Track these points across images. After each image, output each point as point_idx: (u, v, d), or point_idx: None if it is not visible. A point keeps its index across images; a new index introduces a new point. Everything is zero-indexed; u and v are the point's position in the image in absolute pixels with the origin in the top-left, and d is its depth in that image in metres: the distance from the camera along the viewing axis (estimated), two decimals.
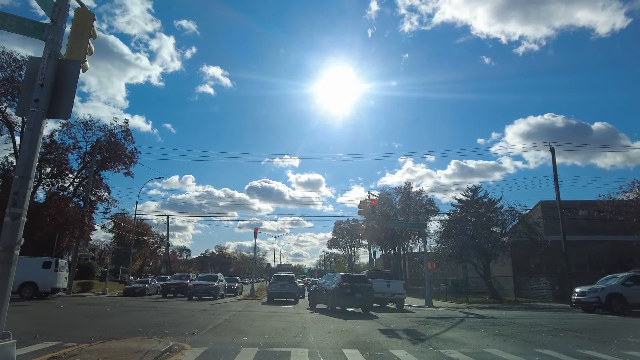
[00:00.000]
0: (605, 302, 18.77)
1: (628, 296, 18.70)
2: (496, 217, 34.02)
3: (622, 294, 18.80)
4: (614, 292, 18.92)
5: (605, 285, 19.75)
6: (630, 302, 18.65)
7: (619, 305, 18.54)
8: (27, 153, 4.94)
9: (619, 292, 18.89)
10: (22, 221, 4.73)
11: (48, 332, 9.51)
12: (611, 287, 19.30)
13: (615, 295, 18.82)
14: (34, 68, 5.23)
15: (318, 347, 8.25)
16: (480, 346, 8.89)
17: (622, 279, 19.62)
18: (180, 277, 34.77)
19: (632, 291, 18.83)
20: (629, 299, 18.66)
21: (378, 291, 20.29)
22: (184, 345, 8.03)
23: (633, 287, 18.95)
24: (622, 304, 18.60)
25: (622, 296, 18.75)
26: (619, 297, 18.77)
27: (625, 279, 19.46)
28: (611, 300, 18.69)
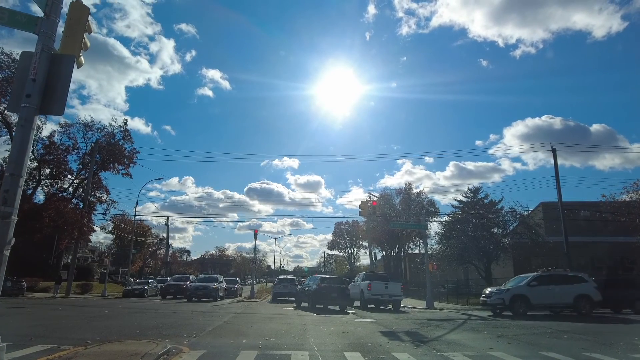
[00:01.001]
0: (509, 304, 17.75)
1: (532, 297, 17.86)
2: (497, 218, 33.91)
3: (526, 295, 17.90)
4: (518, 294, 17.96)
5: (510, 287, 18.90)
6: (534, 303, 17.86)
7: (522, 306, 17.70)
8: (19, 150, 4.78)
9: (523, 294, 17.95)
10: (12, 220, 4.57)
11: (44, 334, 9.35)
12: (516, 289, 18.37)
13: (519, 296, 17.86)
14: (27, 63, 5.07)
15: (319, 350, 8.09)
16: (484, 349, 8.73)
17: (528, 279, 18.74)
18: (179, 278, 34.57)
19: (536, 292, 17.99)
20: (533, 300, 17.84)
21: (376, 293, 21.49)
22: (182, 348, 7.88)
23: (537, 287, 18.11)
24: (526, 306, 17.76)
25: (525, 297, 17.84)
26: (522, 298, 17.85)
27: (530, 279, 18.59)
28: (515, 302, 17.72)
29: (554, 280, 18.61)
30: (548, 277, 18.79)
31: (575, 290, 18.12)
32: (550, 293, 17.98)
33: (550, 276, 18.96)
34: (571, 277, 19.18)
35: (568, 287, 18.22)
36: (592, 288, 18.45)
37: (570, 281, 18.70)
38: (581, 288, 18.29)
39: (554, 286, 18.21)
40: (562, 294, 18.02)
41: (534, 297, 17.82)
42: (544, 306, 18.25)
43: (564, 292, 18.08)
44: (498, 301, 18.09)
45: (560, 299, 18.05)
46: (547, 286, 18.15)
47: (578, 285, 18.37)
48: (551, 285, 18.23)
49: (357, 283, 24.42)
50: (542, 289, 18.04)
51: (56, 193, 34.25)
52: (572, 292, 18.09)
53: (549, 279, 18.64)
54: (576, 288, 18.23)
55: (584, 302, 18.03)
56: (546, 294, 17.94)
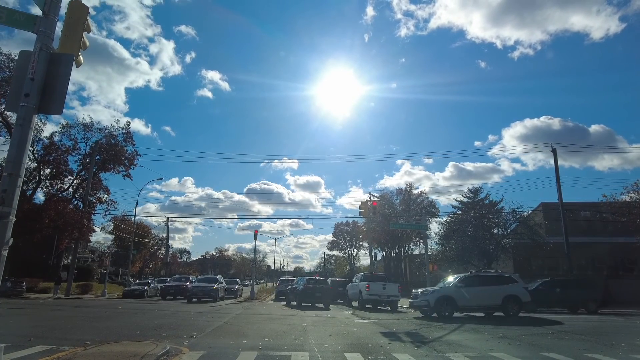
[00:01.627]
0: (434, 306, 16.67)
1: (458, 299, 16.82)
2: (497, 219, 33.83)
3: (452, 296, 16.82)
4: (444, 295, 16.90)
5: (437, 288, 18.05)
6: (460, 305, 16.87)
7: (448, 308, 16.67)
8: (17, 149, 4.73)
9: (449, 295, 16.89)
10: (10, 220, 4.53)
11: (43, 335, 9.33)
12: (442, 290, 17.37)
13: (445, 298, 16.81)
14: (25, 62, 5.03)
15: (319, 351, 8.06)
16: (484, 349, 8.70)
17: (456, 280, 17.80)
18: (179, 279, 34.51)
19: (463, 293, 17.01)
20: (459, 301, 16.80)
21: (374, 293, 22.03)
22: (181, 349, 7.86)
23: (465, 289, 17.11)
24: (452, 307, 16.74)
25: (452, 299, 16.77)
26: (448, 300, 16.79)
27: (458, 280, 17.63)
28: (440, 304, 16.67)
29: (483, 281, 17.83)
30: (477, 278, 18.03)
31: (504, 291, 17.32)
32: (478, 294, 17.08)
33: (479, 277, 18.29)
34: (501, 278, 18.44)
35: (497, 288, 17.39)
36: (521, 289, 17.75)
37: (500, 282, 17.90)
38: (510, 289, 17.51)
39: (483, 287, 17.38)
40: (491, 295, 17.15)
41: (461, 299, 16.84)
42: (471, 308, 17.44)
43: (493, 293, 17.22)
44: (423, 303, 17.11)
45: (489, 300, 17.17)
46: (475, 287, 17.30)
47: (507, 286, 17.59)
48: (479, 286, 17.38)
49: (356, 284, 24.65)
50: (470, 290, 17.11)
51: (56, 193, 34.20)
52: (500, 293, 17.25)
53: (477, 280, 17.84)
54: (505, 289, 17.43)
55: (513, 304, 17.22)
56: (474, 295, 17.01)
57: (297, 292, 23.77)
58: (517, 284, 17.81)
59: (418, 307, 17.50)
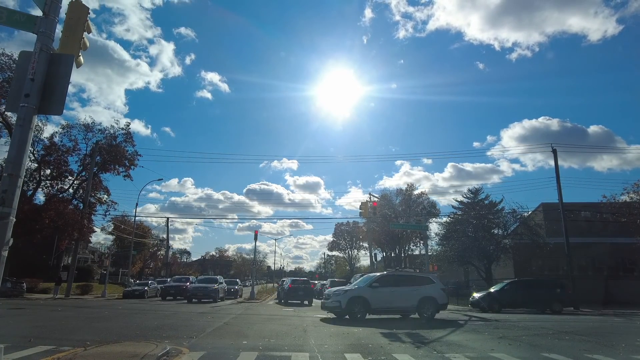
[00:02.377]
0: (345, 307, 15.30)
1: (372, 300, 15.60)
2: (497, 219, 33.84)
3: (366, 297, 15.58)
4: (357, 296, 15.62)
5: (350, 288, 17.02)
6: (374, 307, 15.62)
7: (361, 310, 15.41)
8: (17, 150, 4.73)
9: (362, 296, 15.64)
10: (10, 221, 4.53)
11: (43, 335, 9.32)
12: (355, 290, 16.14)
13: (358, 299, 15.53)
14: (25, 62, 5.03)
15: (319, 351, 8.05)
16: (485, 350, 8.70)
17: (370, 279, 16.83)
18: (179, 279, 34.51)
19: (378, 294, 15.81)
20: (373, 303, 15.58)
21: None
22: (182, 350, 7.85)
23: (380, 289, 15.97)
24: (365, 309, 15.48)
25: (365, 300, 15.53)
26: (361, 301, 15.52)
27: (372, 280, 16.63)
28: (353, 305, 15.35)
29: (399, 281, 16.77)
30: (392, 278, 17.01)
31: (420, 293, 16.33)
32: (393, 295, 16.05)
33: (395, 276, 17.23)
34: (418, 278, 17.47)
35: (413, 289, 16.41)
36: (438, 290, 16.79)
37: (417, 282, 16.90)
38: (427, 290, 16.52)
39: (399, 288, 16.37)
40: (406, 297, 16.16)
41: (375, 300, 15.66)
42: (385, 310, 16.17)
43: (409, 294, 16.22)
44: (335, 304, 15.64)
45: (404, 302, 16.19)
46: (391, 287, 16.28)
47: (424, 287, 16.61)
48: (395, 287, 16.35)
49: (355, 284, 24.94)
50: (385, 291, 16.02)
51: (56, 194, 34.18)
52: (417, 294, 16.26)
53: (393, 280, 16.80)
54: (422, 290, 16.45)
55: (428, 306, 16.25)
56: (389, 296, 15.98)
57: (284, 291, 27.66)
58: (434, 285, 16.94)
59: (329, 309, 15.95)
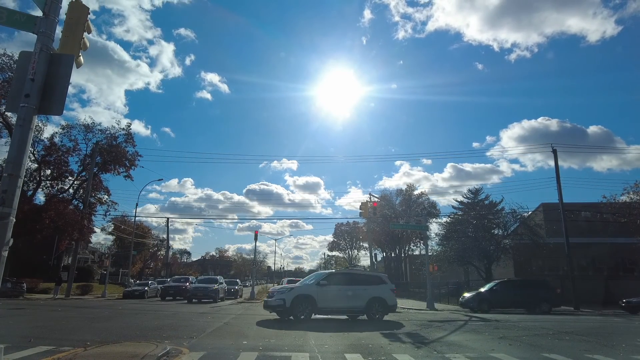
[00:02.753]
0: (290, 307, 14.27)
1: (319, 299, 14.66)
2: (497, 220, 33.83)
3: (313, 296, 14.65)
4: (303, 294, 14.66)
5: (296, 285, 16.14)
6: (321, 307, 14.67)
7: (306, 310, 14.47)
8: (17, 150, 4.74)
9: (308, 294, 14.68)
10: (10, 221, 4.53)
11: (44, 335, 9.32)
12: (301, 288, 15.24)
13: (304, 297, 14.57)
14: (25, 62, 5.04)
15: (319, 352, 8.05)
16: (485, 350, 8.69)
17: (319, 277, 15.88)
18: (179, 279, 34.50)
19: (325, 293, 14.89)
20: (320, 302, 14.64)
21: None
22: (182, 350, 7.85)
23: (328, 288, 15.02)
24: (311, 309, 14.52)
25: (312, 299, 14.59)
26: (308, 300, 14.57)
27: (322, 277, 15.70)
28: (298, 304, 14.37)
29: (349, 280, 15.91)
30: (343, 276, 16.29)
31: (370, 293, 15.54)
32: (342, 294, 15.17)
33: (345, 275, 16.53)
34: (368, 277, 16.83)
35: (363, 289, 15.59)
36: (388, 291, 16.03)
37: (367, 282, 16.13)
38: (377, 290, 15.77)
39: (348, 287, 15.49)
40: (356, 296, 15.33)
41: (323, 299, 14.73)
42: (332, 310, 15.22)
43: (358, 294, 15.40)
44: (278, 303, 14.45)
45: (353, 302, 15.32)
46: (340, 286, 15.38)
47: (374, 287, 15.86)
48: (345, 286, 15.49)
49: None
50: (334, 290, 15.13)
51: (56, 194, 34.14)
52: (366, 294, 15.45)
53: (343, 278, 16.02)
54: (372, 290, 15.68)
55: (378, 307, 15.50)
56: (337, 295, 15.09)
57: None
58: (384, 285, 16.22)
59: (272, 308, 14.73)
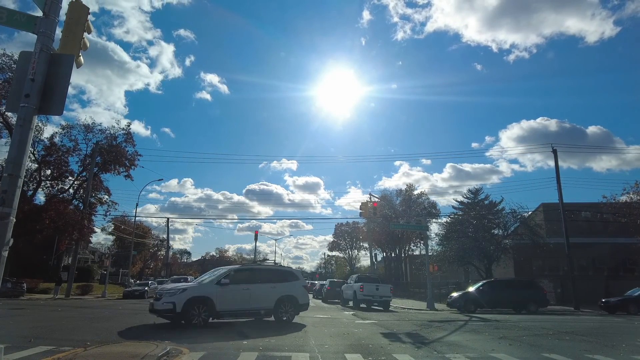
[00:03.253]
0: (182, 311, 11.49)
1: (219, 301, 12.11)
2: (497, 220, 33.83)
3: (211, 297, 12.06)
4: (199, 296, 12.02)
5: (190, 285, 13.35)
6: (221, 310, 12.15)
7: (202, 314, 11.79)
8: (17, 150, 4.74)
9: (205, 295, 12.10)
10: (10, 221, 4.53)
11: (44, 335, 9.32)
12: (196, 288, 12.50)
13: (200, 299, 11.98)
14: (25, 63, 5.04)
15: (319, 352, 8.05)
16: (485, 350, 8.69)
17: (219, 274, 13.14)
18: (177, 279, 34.52)
19: (227, 293, 12.39)
20: (219, 304, 12.09)
21: (368, 294, 23.54)
22: (182, 350, 7.85)
23: (230, 287, 12.51)
24: (208, 312, 11.95)
25: (209, 301, 11.99)
26: (205, 302, 11.99)
27: (222, 274, 12.98)
28: (190, 308, 11.64)
29: (255, 277, 13.57)
30: (248, 273, 13.76)
31: (279, 291, 13.49)
32: (247, 294, 12.84)
33: (251, 271, 14.05)
34: (278, 273, 14.48)
35: (271, 287, 13.48)
36: (300, 288, 14.20)
37: (276, 278, 13.96)
38: (288, 288, 13.78)
39: (254, 285, 13.17)
40: (263, 296, 13.14)
41: (223, 301, 12.26)
42: (235, 312, 12.74)
43: (265, 293, 13.24)
44: (167, 306, 11.61)
45: (259, 302, 13.04)
46: (245, 285, 12.99)
47: (285, 285, 13.80)
48: (250, 284, 13.09)
49: (351, 285, 26.12)
50: (237, 289, 12.73)
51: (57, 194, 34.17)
52: (275, 293, 13.39)
53: (248, 275, 13.57)
54: (282, 288, 13.64)
55: (288, 306, 13.53)
56: (242, 295, 12.75)
57: None
58: (297, 281, 14.35)
59: (160, 313, 11.91)
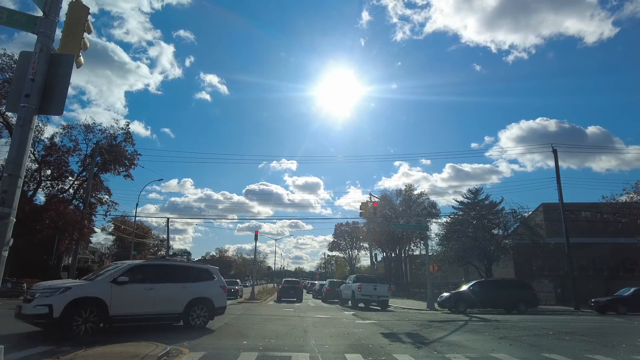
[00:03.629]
0: (60, 316, 8.89)
1: (114, 303, 9.73)
2: (498, 220, 33.81)
3: (103, 298, 9.60)
4: (86, 297, 9.41)
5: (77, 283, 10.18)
6: (115, 314, 9.76)
7: (91, 319, 9.32)
8: (17, 150, 4.74)
9: (95, 296, 9.56)
10: (10, 221, 4.53)
11: (44, 336, 9.30)
12: (83, 287, 9.74)
13: (87, 301, 9.37)
14: (25, 62, 5.04)
15: (320, 352, 8.05)
16: (485, 350, 8.68)
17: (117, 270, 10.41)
18: None
19: (125, 294, 9.98)
20: (115, 307, 9.73)
21: (366, 293, 23.91)
22: (182, 350, 7.86)
23: (129, 286, 10.09)
24: (99, 318, 9.50)
25: (100, 303, 9.55)
26: (94, 304, 9.45)
27: (120, 271, 10.32)
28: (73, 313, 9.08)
29: (162, 275, 11.13)
30: (153, 270, 11.23)
31: (191, 292, 11.35)
32: (150, 295, 10.48)
33: (159, 268, 11.44)
34: (190, 271, 12.08)
35: (182, 287, 11.27)
36: (217, 289, 12.14)
37: (189, 277, 11.69)
38: (202, 288, 11.69)
39: (161, 285, 10.80)
40: (171, 298, 10.97)
41: (119, 303, 9.85)
42: (134, 318, 10.29)
43: (175, 294, 11.07)
44: (40, 310, 8.91)
45: (166, 306, 10.83)
46: (148, 284, 10.58)
47: (199, 285, 11.70)
48: (155, 283, 10.69)
49: (349, 285, 26.40)
50: (138, 290, 10.36)
51: (57, 194, 34.13)
52: (186, 294, 11.25)
53: (153, 273, 11.06)
54: (194, 288, 11.51)
55: (201, 310, 11.47)
56: (143, 297, 10.42)
57: (279, 290, 32.80)
58: (213, 281, 12.17)
59: (30, 319, 9.21)
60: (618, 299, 22.65)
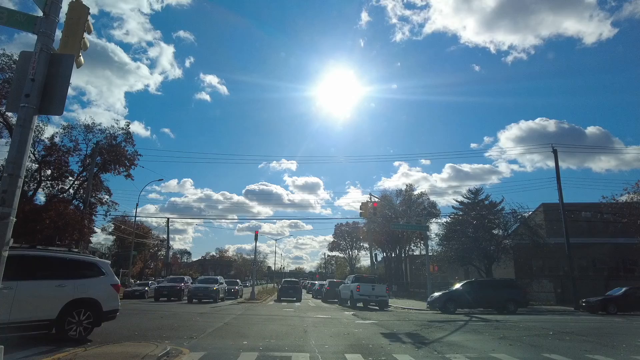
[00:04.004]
0: None
1: None
2: (498, 220, 33.81)
3: None
4: None
5: None
6: None
7: None
8: (17, 150, 4.74)
9: None
10: (10, 221, 4.53)
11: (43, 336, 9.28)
12: None
13: None
14: (26, 63, 5.04)
15: (320, 352, 8.05)
16: (485, 350, 8.68)
17: None
18: (174, 279, 34.37)
19: None
20: None
21: (364, 294, 24.04)
22: (182, 350, 7.86)
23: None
24: None
25: None
26: None
27: None
28: None
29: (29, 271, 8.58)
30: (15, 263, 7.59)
31: (69, 292, 8.86)
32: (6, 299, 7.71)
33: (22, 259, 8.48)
34: (72, 265, 9.39)
35: (57, 286, 8.78)
36: (107, 287, 9.70)
37: (67, 273, 9.16)
38: (84, 287, 9.19)
39: (25, 283, 8.23)
40: (38, 300, 8.44)
41: None
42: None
43: (46, 295, 8.59)
44: None
45: (31, 311, 8.23)
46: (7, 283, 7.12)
47: (81, 282, 9.19)
48: (17, 281, 7.92)
49: (348, 285, 26.51)
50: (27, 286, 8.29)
51: (57, 194, 34.14)
52: (62, 295, 8.77)
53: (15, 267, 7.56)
54: (74, 287, 9.00)
55: (81, 316, 8.91)
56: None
57: (279, 290, 33.08)
58: (101, 277, 9.75)
59: None
60: (608, 299, 22.71)
